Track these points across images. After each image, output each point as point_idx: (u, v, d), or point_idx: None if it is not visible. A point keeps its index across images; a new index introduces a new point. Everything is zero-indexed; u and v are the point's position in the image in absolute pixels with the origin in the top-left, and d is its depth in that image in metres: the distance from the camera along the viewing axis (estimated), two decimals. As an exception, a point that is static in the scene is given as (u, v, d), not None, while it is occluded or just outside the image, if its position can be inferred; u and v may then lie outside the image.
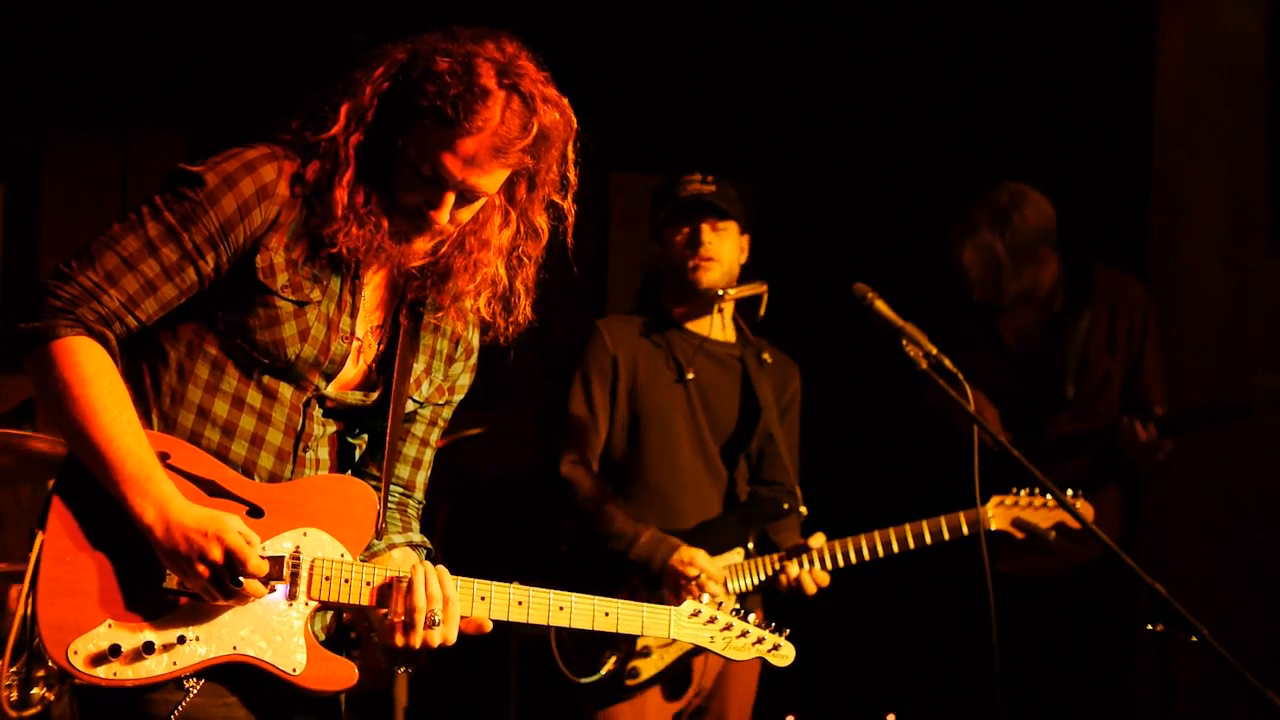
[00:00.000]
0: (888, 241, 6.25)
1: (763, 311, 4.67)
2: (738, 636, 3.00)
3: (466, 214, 2.76)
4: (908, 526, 4.44)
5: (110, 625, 2.60)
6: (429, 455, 3.04)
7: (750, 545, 4.55)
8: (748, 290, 4.66)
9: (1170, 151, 5.69)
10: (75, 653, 2.57)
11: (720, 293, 4.61)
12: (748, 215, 4.74)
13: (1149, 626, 3.72)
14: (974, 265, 4.91)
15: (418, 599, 2.70)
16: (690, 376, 4.62)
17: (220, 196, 2.66)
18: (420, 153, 2.66)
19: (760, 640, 3.02)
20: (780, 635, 3.06)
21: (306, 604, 2.71)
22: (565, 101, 2.74)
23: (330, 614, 2.86)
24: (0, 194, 6.40)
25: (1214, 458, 5.42)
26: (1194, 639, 3.63)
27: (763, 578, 4.48)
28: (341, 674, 2.73)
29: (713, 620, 2.97)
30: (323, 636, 2.79)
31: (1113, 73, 5.78)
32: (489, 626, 2.81)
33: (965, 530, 4.41)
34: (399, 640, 2.72)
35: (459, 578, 2.77)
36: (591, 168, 2.82)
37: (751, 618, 3.03)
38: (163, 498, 2.59)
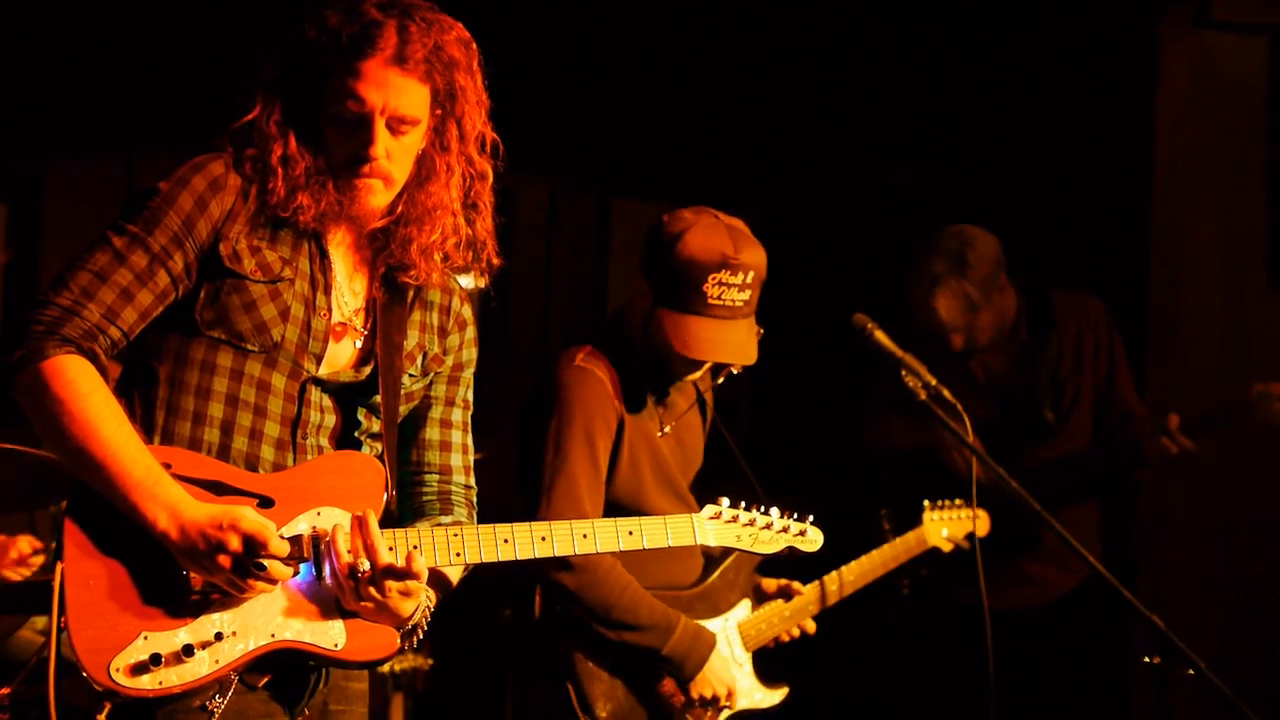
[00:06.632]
0: (886, 273, 6.25)
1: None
2: (762, 529, 3.02)
3: (402, 151, 2.81)
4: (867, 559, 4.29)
5: (146, 637, 2.61)
6: (458, 437, 3.06)
7: (754, 591, 4.08)
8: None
9: (1170, 186, 5.72)
10: (117, 669, 2.58)
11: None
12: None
13: (1145, 659, 3.72)
14: (949, 310, 4.93)
15: (342, 558, 2.69)
16: (668, 429, 3.91)
17: (176, 196, 2.75)
18: (337, 97, 2.76)
19: (786, 529, 3.05)
20: (804, 522, 3.06)
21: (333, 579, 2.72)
22: (459, 23, 2.85)
23: None
24: (3, 216, 6.40)
25: (1208, 482, 5.42)
26: (1190, 671, 3.62)
27: (778, 629, 4.04)
28: (383, 641, 2.75)
29: (734, 519, 2.99)
30: None
31: (1114, 108, 5.81)
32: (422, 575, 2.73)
33: (916, 549, 4.39)
34: (346, 604, 2.70)
35: (482, 525, 2.83)
36: (593, 194, 2.85)
37: (775, 511, 3.03)
38: (173, 501, 2.61)
